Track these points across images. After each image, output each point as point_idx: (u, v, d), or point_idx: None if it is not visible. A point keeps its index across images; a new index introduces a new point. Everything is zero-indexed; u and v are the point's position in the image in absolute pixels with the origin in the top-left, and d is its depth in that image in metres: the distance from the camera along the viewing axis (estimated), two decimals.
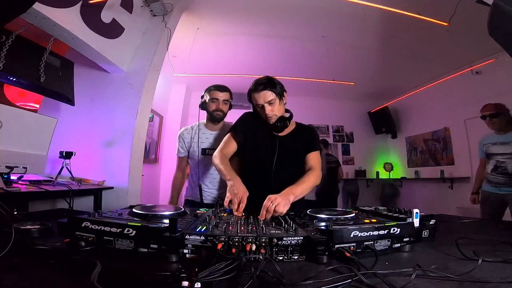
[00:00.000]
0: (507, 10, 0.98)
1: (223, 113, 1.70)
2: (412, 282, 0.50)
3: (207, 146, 1.73)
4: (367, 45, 3.67)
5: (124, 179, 2.29)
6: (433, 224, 0.88)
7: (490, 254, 0.65)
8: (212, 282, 0.47)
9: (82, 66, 2.47)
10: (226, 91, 1.71)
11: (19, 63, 1.85)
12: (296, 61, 4.19)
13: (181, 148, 1.79)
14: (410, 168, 5.26)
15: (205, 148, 1.73)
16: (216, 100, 1.66)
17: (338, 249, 0.64)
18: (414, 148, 5.19)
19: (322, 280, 0.51)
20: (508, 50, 1.16)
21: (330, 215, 0.85)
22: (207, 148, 1.73)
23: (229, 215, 0.94)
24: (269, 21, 3.24)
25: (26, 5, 0.99)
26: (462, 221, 1.29)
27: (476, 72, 3.70)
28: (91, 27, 2.09)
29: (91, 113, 2.47)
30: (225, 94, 1.69)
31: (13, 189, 1.48)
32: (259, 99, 1.29)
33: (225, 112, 1.71)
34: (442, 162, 4.51)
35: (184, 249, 0.63)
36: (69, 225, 0.68)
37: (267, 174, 1.33)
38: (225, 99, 1.68)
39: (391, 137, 5.71)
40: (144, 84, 2.44)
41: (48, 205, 1.94)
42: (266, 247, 0.63)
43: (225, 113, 1.72)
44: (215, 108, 1.67)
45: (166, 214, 0.80)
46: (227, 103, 1.71)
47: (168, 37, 2.66)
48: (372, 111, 5.68)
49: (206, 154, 1.71)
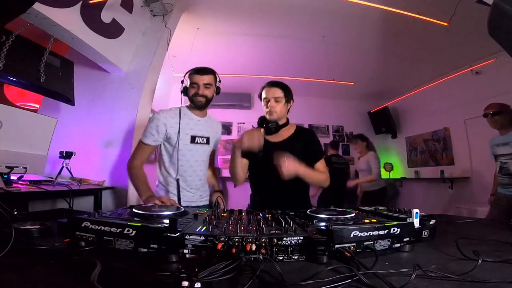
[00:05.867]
0: (507, 10, 0.98)
1: (206, 99, 1.45)
2: (412, 282, 0.50)
3: (196, 134, 1.48)
4: (367, 45, 3.66)
5: (124, 179, 2.29)
6: (433, 224, 0.88)
7: (490, 254, 0.65)
8: (212, 282, 0.47)
9: (82, 66, 2.48)
10: (209, 73, 1.45)
11: (19, 63, 1.85)
12: (296, 61, 4.19)
13: (156, 134, 1.40)
14: (410, 168, 5.25)
15: (195, 135, 1.47)
16: (196, 85, 1.43)
17: (338, 249, 0.64)
18: (414, 148, 5.19)
19: (322, 280, 0.51)
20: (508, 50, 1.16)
21: (330, 215, 0.85)
22: (197, 136, 1.48)
23: (229, 215, 0.94)
24: (269, 21, 3.24)
25: (26, 5, 0.99)
26: (462, 221, 1.29)
27: (476, 72, 3.70)
28: (91, 27, 2.10)
29: (91, 113, 2.47)
30: (207, 77, 1.44)
31: (13, 189, 1.48)
32: (268, 93, 1.42)
33: (208, 97, 1.46)
34: (442, 162, 4.50)
35: (184, 249, 0.63)
36: (69, 225, 0.68)
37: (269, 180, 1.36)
38: (206, 83, 1.43)
39: (391, 137, 5.71)
40: (144, 84, 2.44)
41: (48, 205, 1.94)
42: (266, 247, 0.63)
43: (208, 99, 1.47)
44: (195, 93, 1.43)
45: (166, 214, 0.80)
46: (210, 87, 1.46)
47: (168, 37, 2.66)
48: (372, 111, 5.67)
49: (196, 143, 1.47)
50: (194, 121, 1.49)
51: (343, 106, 5.79)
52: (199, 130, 1.50)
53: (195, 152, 1.48)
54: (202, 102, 1.45)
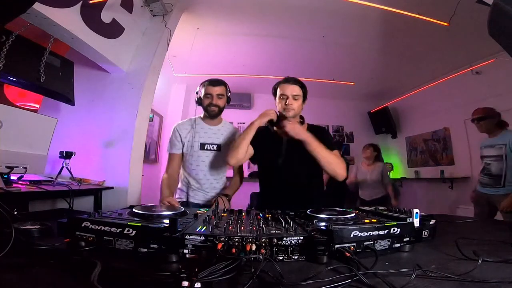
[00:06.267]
0: (507, 10, 0.98)
1: (218, 108, 1.62)
2: (412, 282, 0.50)
3: (206, 141, 1.64)
4: (367, 45, 3.66)
5: (124, 179, 2.29)
6: (433, 224, 0.88)
7: (490, 254, 0.65)
8: (212, 282, 0.47)
9: (82, 66, 2.47)
10: (221, 85, 1.62)
11: (19, 63, 1.85)
12: (296, 61, 4.19)
13: (177, 143, 1.64)
14: (410, 168, 5.25)
15: (204, 143, 1.64)
16: (210, 96, 1.59)
17: (338, 249, 0.64)
18: (414, 148, 5.19)
19: (322, 280, 0.51)
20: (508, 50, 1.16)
21: (330, 215, 0.85)
22: (207, 143, 1.64)
23: (229, 214, 0.94)
24: (269, 21, 3.24)
25: (26, 5, 0.99)
26: (462, 221, 1.29)
27: (476, 72, 3.70)
28: (91, 27, 2.09)
29: (91, 113, 2.47)
30: (220, 88, 1.60)
31: (13, 189, 1.48)
32: (287, 90, 1.43)
33: (221, 106, 1.63)
34: (442, 162, 4.50)
35: (184, 249, 0.63)
36: (69, 225, 0.68)
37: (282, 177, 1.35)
38: (219, 94, 1.60)
39: (391, 137, 5.70)
40: (144, 84, 2.44)
41: (48, 205, 1.94)
42: (266, 247, 0.63)
43: (221, 108, 1.64)
44: (209, 103, 1.60)
45: (166, 214, 0.80)
46: (222, 97, 1.62)
47: (168, 37, 2.66)
48: (372, 111, 5.67)
49: (205, 149, 1.63)
50: (204, 130, 1.66)
51: (343, 106, 5.79)
52: (209, 137, 1.65)
53: (205, 158, 1.62)
54: (215, 111, 1.61)
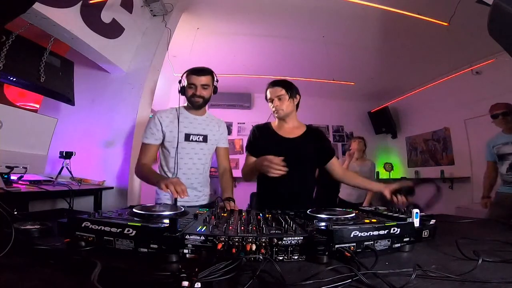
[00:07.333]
0: (507, 10, 0.98)
1: (203, 99, 1.47)
2: (412, 282, 0.50)
3: (191, 132, 1.48)
4: (367, 45, 3.66)
5: (124, 179, 2.29)
6: (433, 224, 0.88)
7: (490, 254, 0.65)
8: (212, 282, 0.47)
9: (82, 66, 2.48)
10: (206, 74, 1.46)
11: (19, 63, 1.85)
12: (296, 61, 4.18)
13: (156, 132, 1.43)
14: (410, 168, 5.25)
15: (189, 133, 1.48)
16: (194, 86, 1.44)
17: (338, 249, 0.64)
18: (414, 148, 5.18)
19: (322, 280, 0.51)
20: (508, 50, 1.16)
21: (330, 215, 0.85)
22: (192, 134, 1.48)
23: (229, 215, 0.94)
24: (269, 21, 3.24)
25: (26, 5, 0.98)
26: (462, 221, 1.29)
27: (476, 72, 3.69)
28: (91, 27, 2.09)
29: (91, 113, 2.47)
30: (205, 78, 1.45)
31: (13, 189, 1.48)
32: (271, 93, 1.46)
33: (206, 97, 1.47)
34: (442, 162, 4.50)
35: (184, 249, 0.63)
36: (69, 225, 0.68)
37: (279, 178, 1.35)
38: (204, 84, 1.45)
39: (391, 137, 5.70)
40: (144, 84, 2.44)
41: (48, 205, 1.95)
42: (266, 247, 0.63)
43: (206, 99, 1.48)
44: (193, 93, 1.45)
45: (166, 214, 0.80)
46: (208, 87, 1.47)
47: (168, 37, 2.66)
48: (372, 111, 5.67)
49: (190, 141, 1.47)
50: (189, 119, 1.50)
51: (343, 106, 5.79)
52: (194, 128, 1.50)
53: (190, 150, 1.48)
54: (199, 103, 1.47)
